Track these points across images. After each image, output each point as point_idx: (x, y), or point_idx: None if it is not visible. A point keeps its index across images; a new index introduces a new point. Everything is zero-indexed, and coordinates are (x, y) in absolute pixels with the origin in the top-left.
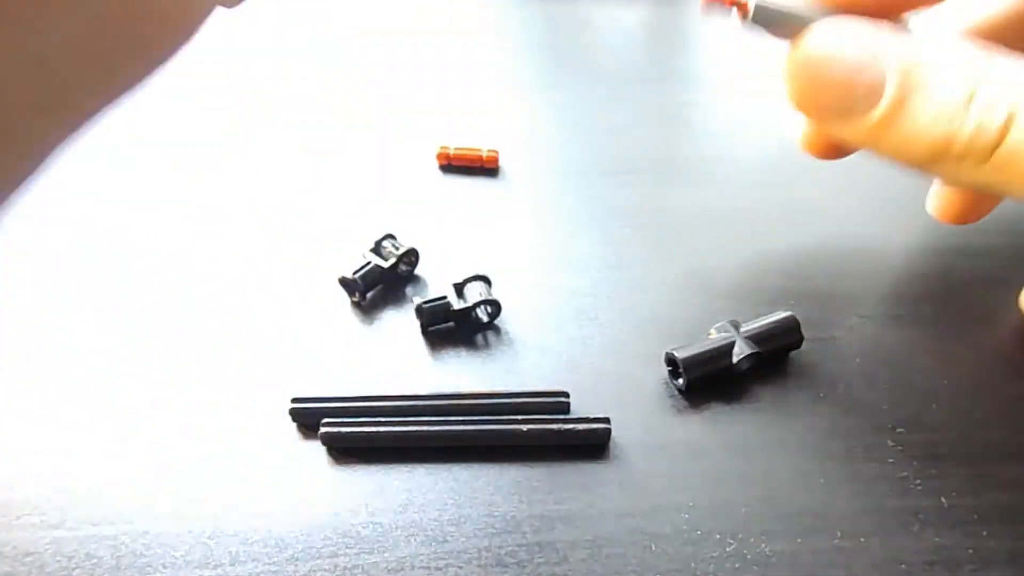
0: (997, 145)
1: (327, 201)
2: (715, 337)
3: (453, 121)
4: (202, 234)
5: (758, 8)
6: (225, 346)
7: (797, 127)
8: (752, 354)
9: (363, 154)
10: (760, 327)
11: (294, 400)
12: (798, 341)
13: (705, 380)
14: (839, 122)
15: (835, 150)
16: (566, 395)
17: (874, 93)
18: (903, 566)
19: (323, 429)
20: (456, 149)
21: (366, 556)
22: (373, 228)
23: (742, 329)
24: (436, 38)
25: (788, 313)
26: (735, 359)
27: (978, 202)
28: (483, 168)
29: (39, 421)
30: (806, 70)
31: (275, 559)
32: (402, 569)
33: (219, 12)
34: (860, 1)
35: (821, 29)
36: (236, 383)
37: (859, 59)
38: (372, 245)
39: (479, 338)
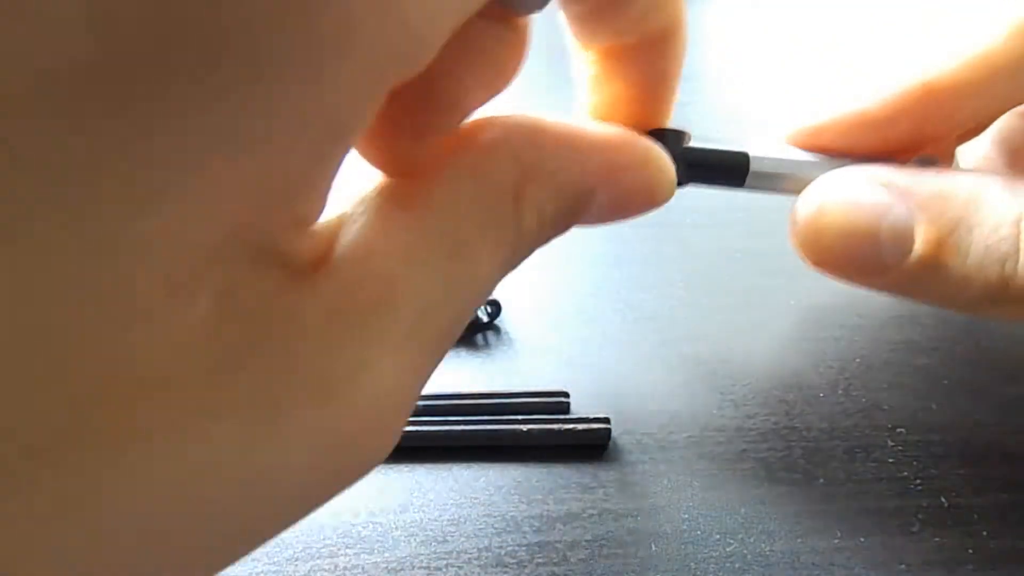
0: None
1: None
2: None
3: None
4: None
5: (753, 174)
6: None
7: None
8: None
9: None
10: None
11: None
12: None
13: None
14: (867, 277)
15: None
16: (566, 395)
17: (903, 239)
18: (903, 566)
19: None
20: None
21: (366, 556)
22: None
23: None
24: None
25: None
26: None
27: None
28: None
29: None
30: (817, 227)
31: (275, 559)
32: (402, 569)
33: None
34: (864, 150)
35: (827, 177)
36: None
37: (878, 203)
38: None
39: (479, 338)
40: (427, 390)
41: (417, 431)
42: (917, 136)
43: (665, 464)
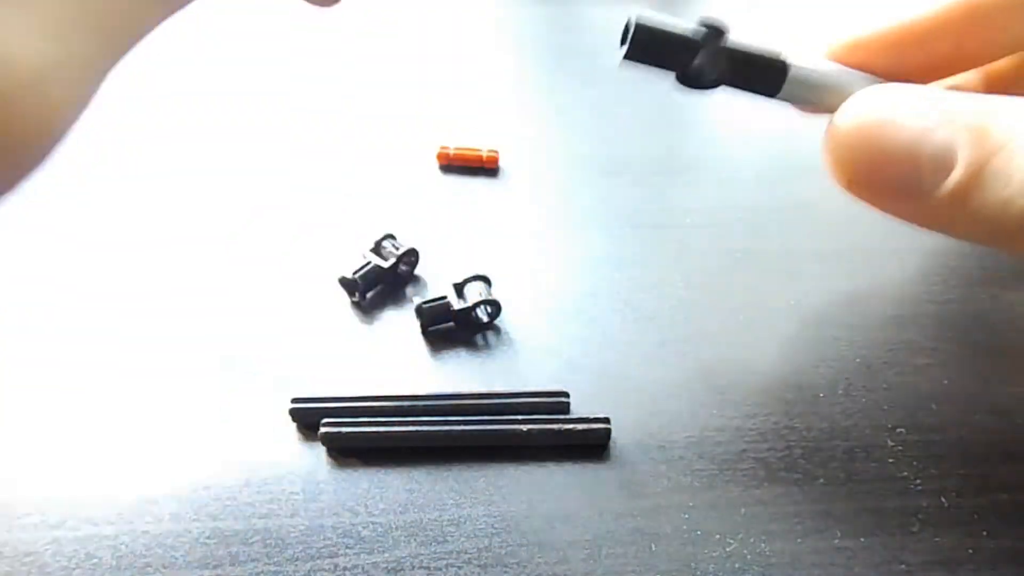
0: None
1: (327, 201)
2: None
3: (453, 121)
4: (202, 234)
5: (791, 81)
6: (225, 346)
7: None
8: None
9: (363, 154)
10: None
11: (294, 400)
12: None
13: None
14: (902, 202)
15: None
16: (566, 395)
17: (944, 162)
18: (903, 566)
19: (323, 429)
20: (456, 149)
21: (366, 556)
22: (373, 228)
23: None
24: (436, 38)
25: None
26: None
27: None
28: (483, 168)
29: (39, 422)
30: (854, 142)
31: (275, 559)
32: (402, 569)
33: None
34: (903, 66)
35: (866, 92)
36: (236, 383)
37: (921, 123)
38: (372, 245)
39: (479, 338)
40: (427, 390)
41: (417, 431)
42: (959, 54)
43: (665, 464)
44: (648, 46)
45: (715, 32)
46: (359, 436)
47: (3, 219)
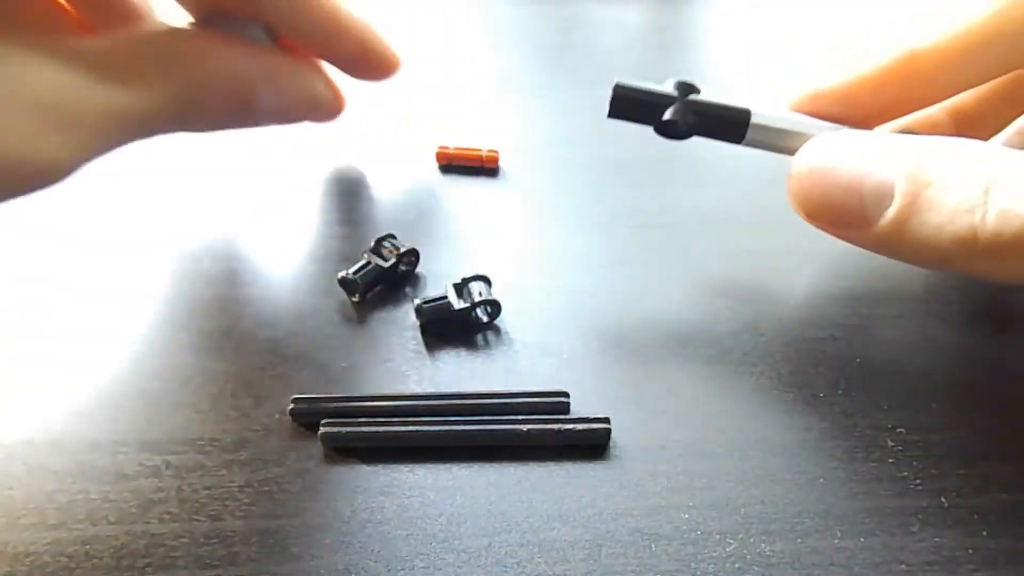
0: None
1: (327, 201)
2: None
3: (453, 121)
4: (201, 234)
5: (753, 128)
6: (225, 346)
7: None
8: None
9: (363, 154)
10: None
11: (294, 400)
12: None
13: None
14: (852, 232)
15: None
16: (566, 395)
17: (883, 196)
18: (903, 566)
19: (323, 429)
20: (456, 149)
21: (366, 556)
22: (373, 228)
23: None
24: (436, 38)
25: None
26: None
27: None
28: (483, 168)
29: (39, 421)
30: (808, 183)
31: (275, 559)
32: (402, 569)
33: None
34: (856, 113)
35: (818, 139)
36: (236, 383)
37: (862, 163)
38: (372, 245)
39: (479, 338)
40: (427, 390)
41: (417, 431)
42: (905, 100)
43: (665, 464)
44: (626, 106)
45: (684, 92)
46: (359, 436)
47: (2, 219)
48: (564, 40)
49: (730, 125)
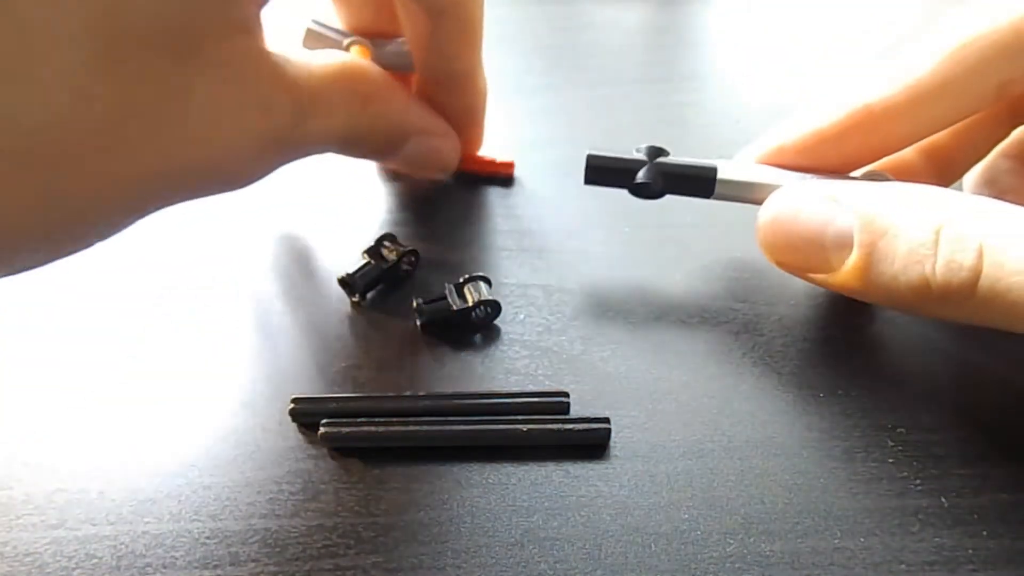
0: (974, 281)
1: (327, 200)
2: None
3: None
4: (201, 233)
5: (720, 183)
6: (225, 346)
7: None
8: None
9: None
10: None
11: (294, 400)
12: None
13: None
14: (818, 277)
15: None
16: (566, 395)
17: (844, 246)
18: (903, 566)
19: (323, 429)
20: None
21: (366, 556)
22: (373, 228)
23: (658, 160)
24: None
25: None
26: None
27: None
28: (490, 171)
29: (38, 421)
30: (772, 233)
31: (275, 559)
32: (402, 569)
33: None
34: (820, 165)
35: (781, 190)
36: (236, 383)
37: (822, 213)
38: (372, 245)
39: (479, 338)
40: (427, 390)
41: (417, 431)
42: (865, 151)
43: (665, 464)
44: (600, 173)
45: (653, 155)
46: (359, 436)
47: None
48: (564, 40)
49: (699, 182)
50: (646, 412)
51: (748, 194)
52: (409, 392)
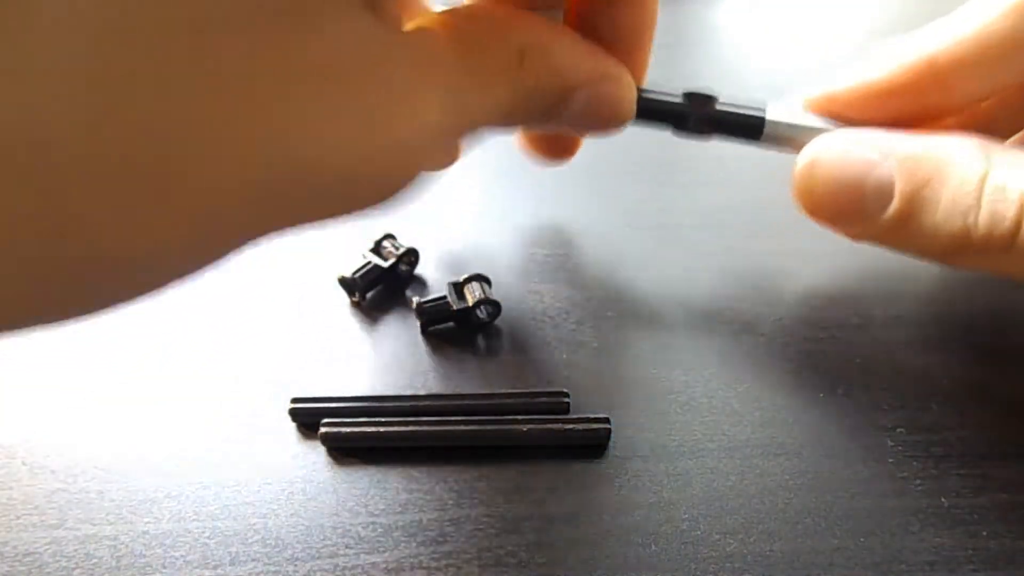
0: (1015, 232)
1: None
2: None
3: None
4: None
5: (769, 125)
6: (225, 346)
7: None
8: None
9: None
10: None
11: (294, 400)
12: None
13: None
14: (854, 227)
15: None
16: (566, 395)
17: (884, 194)
18: (903, 566)
19: (323, 429)
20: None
21: (366, 556)
22: (373, 228)
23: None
24: None
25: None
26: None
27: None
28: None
29: (37, 421)
30: (810, 179)
31: (275, 559)
32: (402, 569)
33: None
34: (867, 119)
35: (822, 136)
36: (236, 383)
37: (864, 160)
38: (372, 245)
39: (479, 338)
40: (427, 390)
41: (417, 431)
42: (921, 108)
43: (665, 464)
44: (645, 112)
45: (701, 95)
46: (359, 436)
47: None
48: None
49: (747, 126)
50: (646, 412)
51: (795, 140)
52: (409, 392)
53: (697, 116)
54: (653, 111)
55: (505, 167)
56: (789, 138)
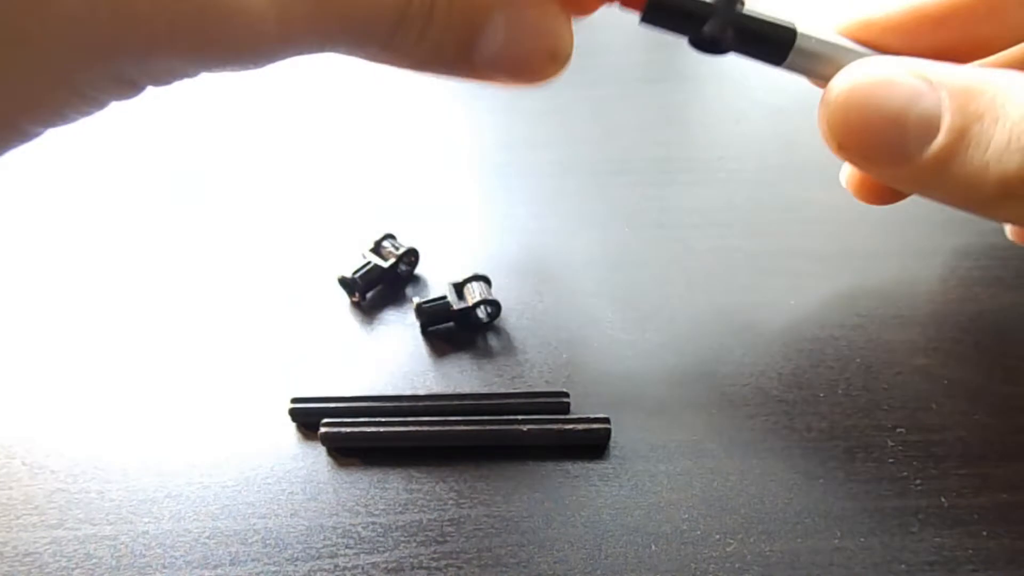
0: None
1: (327, 201)
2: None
3: (453, 120)
4: (202, 233)
5: (797, 49)
6: (225, 346)
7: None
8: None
9: (364, 153)
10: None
11: (294, 400)
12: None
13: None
14: (888, 166)
15: (888, 194)
16: (566, 395)
17: (929, 127)
18: (903, 566)
19: (323, 429)
20: None
21: (366, 556)
22: (373, 228)
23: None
24: None
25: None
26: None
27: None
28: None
29: (37, 421)
30: (846, 106)
31: (275, 559)
32: (402, 569)
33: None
34: (912, 49)
35: (866, 60)
36: (236, 383)
37: (911, 88)
38: (372, 245)
39: (479, 338)
40: (427, 390)
41: (417, 431)
42: (970, 40)
43: (665, 464)
44: (663, 11)
45: (727, 2)
46: (359, 436)
47: (3, 216)
48: None
49: (773, 43)
50: (646, 412)
51: (825, 68)
52: (409, 392)
53: (720, 16)
54: (671, 8)
55: (505, 167)
56: (820, 60)
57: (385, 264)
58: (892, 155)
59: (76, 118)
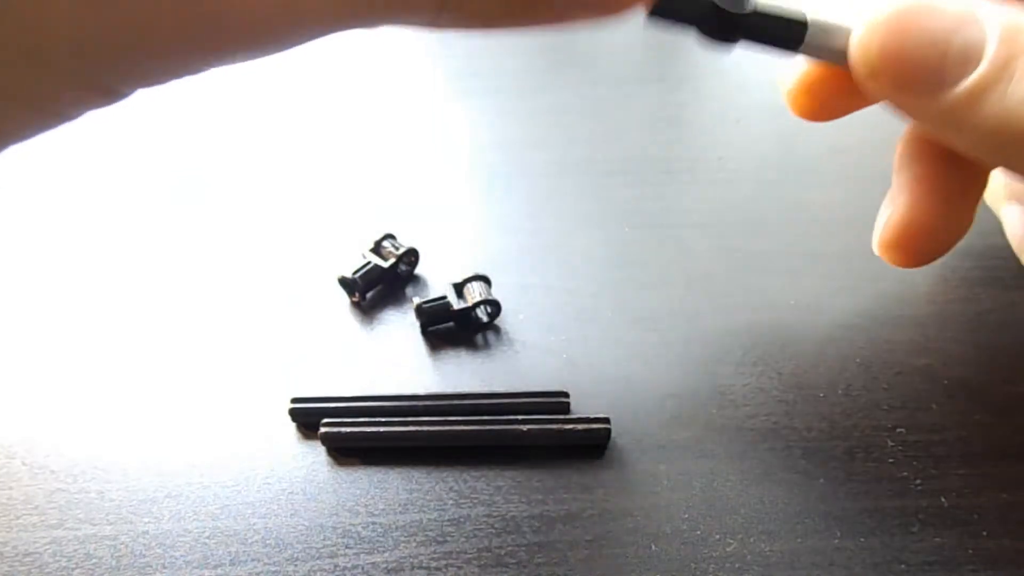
0: None
1: (327, 201)
2: None
3: (453, 120)
4: (202, 233)
5: (813, 25)
6: (225, 346)
7: (785, 79)
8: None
9: (363, 154)
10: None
11: (294, 400)
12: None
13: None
14: (919, 96)
15: (828, 109)
16: (566, 395)
17: (971, 56)
18: (903, 566)
19: (323, 429)
20: None
21: (366, 556)
22: (373, 228)
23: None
24: (432, 38)
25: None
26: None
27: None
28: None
29: (37, 421)
30: (886, 31)
31: (275, 559)
32: (402, 569)
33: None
34: None
35: None
36: (236, 383)
37: (957, 14)
38: (372, 245)
39: (479, 338)
40: (427, 390)
41: (417, 431)
42: None
43: (665, 464)
44: (673, 5)
45: None
46: (359, 436)
47: (2, 216)
48: (564, 40)
49: (787, 26)
50: (646, 412)
51: (840, 54)
52: (409, 392)
53: (732, 6)
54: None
55: (505, 167)
56: (838, 42)
57: (385, 264)
58: (928, 83)
59: (93, 110)
